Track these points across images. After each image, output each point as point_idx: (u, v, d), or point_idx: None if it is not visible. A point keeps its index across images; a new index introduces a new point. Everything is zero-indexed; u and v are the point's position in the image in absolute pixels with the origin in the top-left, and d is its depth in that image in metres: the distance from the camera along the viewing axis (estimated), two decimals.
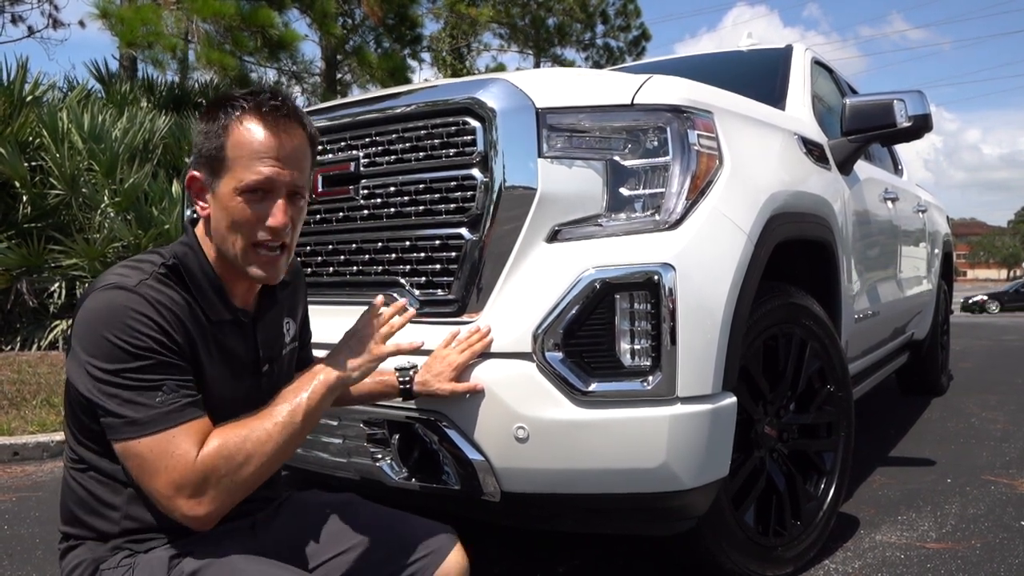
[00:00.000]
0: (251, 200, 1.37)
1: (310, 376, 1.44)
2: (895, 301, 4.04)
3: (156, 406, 1.26)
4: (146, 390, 1.27)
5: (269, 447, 1.32)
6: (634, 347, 1.87)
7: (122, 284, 1.32)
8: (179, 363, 1.32)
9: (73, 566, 1.40)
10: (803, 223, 2.49)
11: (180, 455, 1.26)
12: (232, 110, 1.37)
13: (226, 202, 1.37)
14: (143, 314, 1.29)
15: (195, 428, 1.29)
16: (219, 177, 1.38)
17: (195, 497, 1.26)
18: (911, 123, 3.09)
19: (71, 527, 1.43)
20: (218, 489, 1.28)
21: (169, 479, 1.26)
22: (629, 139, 1.98)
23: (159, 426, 1.26)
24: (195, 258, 1.42)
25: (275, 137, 1.37)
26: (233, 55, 11.49)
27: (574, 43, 25.38)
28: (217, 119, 1.38)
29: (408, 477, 2.05)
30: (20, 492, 3.63)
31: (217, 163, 1.38)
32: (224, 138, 1.37)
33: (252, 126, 1.36)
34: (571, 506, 2.02)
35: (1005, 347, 9.25)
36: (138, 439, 1.26)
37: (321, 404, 1.42)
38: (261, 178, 1.36)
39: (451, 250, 2.03)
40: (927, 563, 2.49)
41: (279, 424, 1.35)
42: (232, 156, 1.36)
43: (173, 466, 1.25)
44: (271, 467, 1.35)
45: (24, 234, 7.81)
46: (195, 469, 1.26)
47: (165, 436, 1.26)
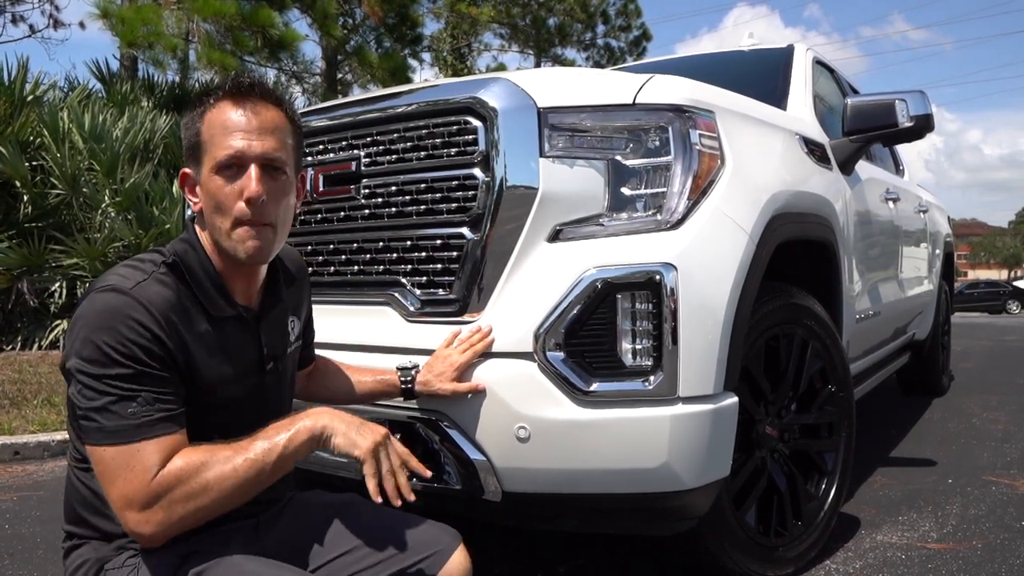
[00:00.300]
0: (227, 177, 1.38)
1: (297, 419, 1.38)
2: (896, 301, 4.04)
3: (127, 417, 1.26)
4: (121, 400, 1.26)
5: (230, 483, 1.28)
6: (635, 347, 1.87)
7: (119, 287, 1.32)
8: (162, 374, 1.30)
9: (77, 565, 1.40)
10: (805, 223, 2.49)
11: (139, 470, 1.25)
12: (208, 97, 1.41)
13: (207, 185, 1.39)
14: (135, 320, 1.29)
15: (162, 444, 1.27)
16: (200, 164, 1.40)
17: (143, 513, 1.25)
18: (913, 123, 3.09)
19: (75, 526, 1.43)
20: (168, 512, 1.26)
21: (122, 491, 1.25)
22: (631, 139, 1.98)
23: (125, 438, 1.25)
24: (195, 255, 1.42)
25: (244, 113, 1.38)
26: (234, 55, 11.50)
27: (575, 43, 25.41)
28: (194, 110, 1.41)
29: (409, 477, 2.04)
30: (21, 491, 3.63)
31: (197, 150, 1.40)
32: (200, 124, 1.40)
33: (224, 106, 1.39)
34: (572, 506, 2.02)
35: (1006, 348, 9.25)
36: (103, 446, 1.26)
37: (299, 450, 1.36)
38: (232, 151, 1.37)
39: (452, 250, 2.02)
40: (928, 563, 2.49)
41: (248, 461, 1.30)
42: (207, 138, 1.39)
43: (129, 479, 1.25)
44: (229, 502, 1.30)
45: (25, 234, 7.82)
46: (149, 487, 1.24)
47: (129, 449, 1.25)
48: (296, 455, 1.35)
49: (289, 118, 1.45)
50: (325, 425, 1.37)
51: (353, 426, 1.39)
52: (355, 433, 1.38)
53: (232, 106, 1.39)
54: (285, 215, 1.45)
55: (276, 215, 1.42)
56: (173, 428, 1.30)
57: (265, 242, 1.41)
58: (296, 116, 1.48)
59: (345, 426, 1.38)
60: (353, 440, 1.37)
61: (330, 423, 1.38)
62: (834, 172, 3.00)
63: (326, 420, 1.38)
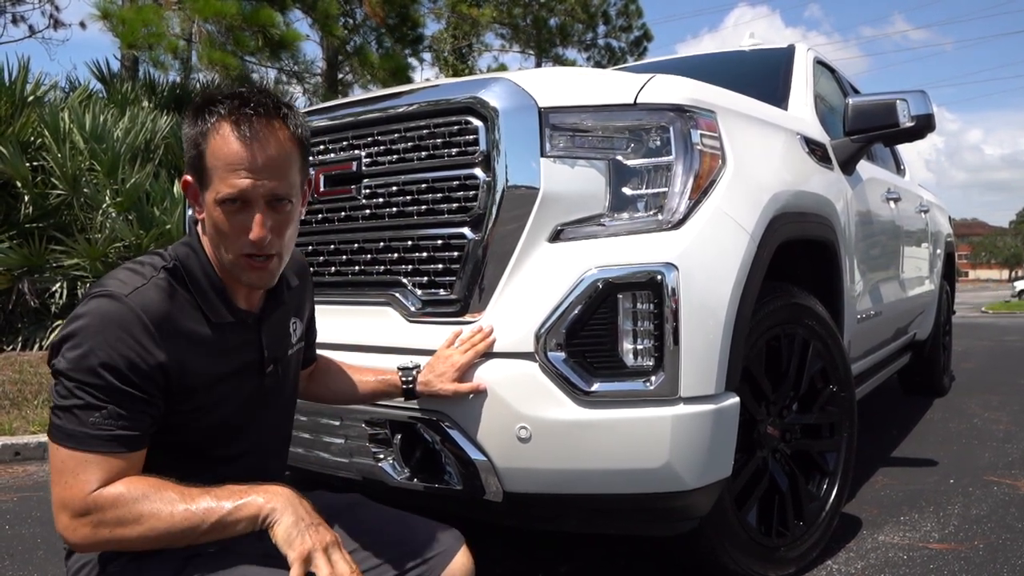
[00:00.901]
0: (230, 211, 1.34)
1: (254, 490, 1.30)
2: (897, 301, 4.04)
3: (86, 425, 1.26)
4: (86, 408, 1.26)
5: (161, 526, 1.25)
6: (637, 347, 1.87)
7: (115, 293, 1.31)
8: (136, 394, 1.29)
9: (79, 566, 1.40)
10: (806, 223, 2.49)
11: (80, 480, 1.25)
12: (209, 116, 1.34)
13: (211, 211, 1.36)
14: (126, 331, 1.28)
15: (109, 464, 1.27)
16: (203, 186, 1.37)
17: (72, 521, 1.26)
18: (914, 123, 3.09)
19: None
20: (95, 529, 1.25)
21: (60, 494, 1.26)
22: (632, 138, 1.98)
23: (78, 443, 1.26)
24: (196, 260, 1.42)
25: (248, 148, 1.32)
26: (235, 55, 11.50)
27: (576, 43, 25.38)
28: (196, 125, 1.36)
29: (410, 477, 2.05)
30: (22, 492, 3.63)
31: (200, 171, 1.37)
32: (203, 146, 1.34)
33: (227, 134, 1.33)
34: (574, 506, 2.02)
35: (1007, 348, 9.24)
36: (57, 445, 1.27)
37: (239, 523, 1.27)
38: (235, 191, 1.33)
39: (453, 250, 2.02)
40: (930, 564, 2.49)
41: (187, 512, 1.26)
42: (210, 166, 1.34)
43: (69, 485, 1.25)
44: (155, 543, 1.27)
45: (26, 234, 7.82)
46: (83, 501, 1.25)
47: (77, 456, 1.26)
48: (235, 526, 1.27)
49: (295, 137, 1.40)
50: (273, 509, 1.28)
51: (302, 523, 1.27)
52: (297, 531, 1.25)
53: (236, 136, 1.32)
54: (290, 240, 1.44)
55: (281, 245, 1.40)
56: (123, 450, 1.28)
57: (269, 271, 1.41)
58: (302, 129, 1.42)
59: (293, 519, 1.27)
60: (292, 538, 1.25)
61: (280, 510, 1.28)
62: (835, 172, 3.00)
63: (278, 504, 1.28)
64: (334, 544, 1.27)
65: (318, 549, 1.24)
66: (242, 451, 1.50)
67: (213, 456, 1.46)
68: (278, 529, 1.26)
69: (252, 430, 1.52)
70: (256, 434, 1.53)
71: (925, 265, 4.94)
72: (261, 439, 1.56)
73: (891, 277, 3.95)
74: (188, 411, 1.38)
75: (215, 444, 1.47)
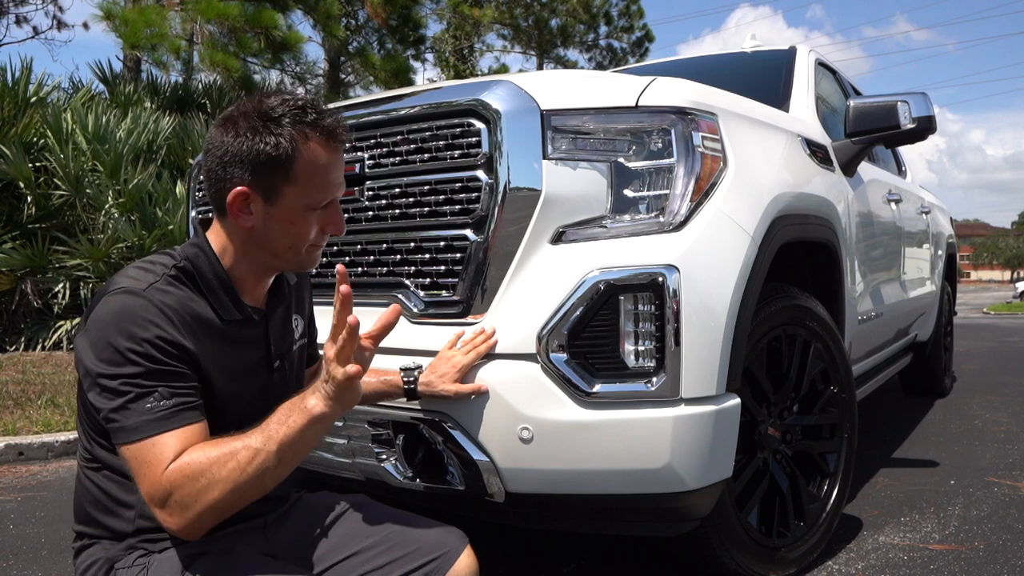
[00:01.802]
0: (316, 212, 1.44)
1: (290, 406, 1.33)
2: (899, 303, 4.04)
3: (144, 412, 1.27)
4: (138, 397, 1.28)
5: (236, 477, 1.25)
6: (638, 348, 1.87)
7: (131, 288, 1.34)
8: (177, 369, 1.32)
9: (87, 565, 1.41)
10: (807, 225, 2.49)
11: (153, 464, 1.26)
12: (295, 127, 1.39)
13: (293, 216, 1.42)
14: (149, 320, 1.31)
15: (179, 437, 1.28)
16: (280, 192, 1.40)
17: (163, 509, 1.27)
18: (915, 125, 3.10)
19: (85, 526, 1.44)
20: (183, 506, 1.25)
21: (146, 490, 1.28)
22: (633, 141, 1.99)
23: (142, 434, 1.27)
24: (206, 259, 1.44)
25: (340, 159, 1.46)
26: (237, 56, 11.51)
27: (577, 44, 25.41)
28: (277, 135, 1.38)
29: (413, 477, 2.06)
30: (25, 492, 3.64)
31: (282, 180, 1.40)
32: (294, 158, 1.39)
33: (322, 148, 1.41)
34: (575, 507, 2.03)
35: (1009, 349, 9.24)
36: (126, 444, 1.28)
37: (302, 435, 1.30)
38: (332, 195, 1.45)
39: (456, 251, 2.03)
40: (930, 564, 2.49)
41: (251, 451, 1.27)
42: (304, 176, 1.40)
43: (146, 475, 1.27)
44: (242, 496, 1.28)
45: (28, 235, 7.83)
46: (160, 484, 1.25)
47: (145, 444, 1.27)
48: (302, 440, 1.30)
49: None
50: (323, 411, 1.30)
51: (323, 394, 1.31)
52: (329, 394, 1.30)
53: (328, 149, 1.42)
54: None
55: None
56: (192, 418, 1.31)
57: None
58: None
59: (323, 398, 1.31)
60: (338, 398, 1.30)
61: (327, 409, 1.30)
62: (836, 174, 3.01)
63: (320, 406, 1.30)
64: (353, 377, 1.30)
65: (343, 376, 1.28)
66: None
67: None
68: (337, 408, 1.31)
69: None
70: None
71: (926, 266, 4.95)
72: None
73: (892, 278, 3.96)
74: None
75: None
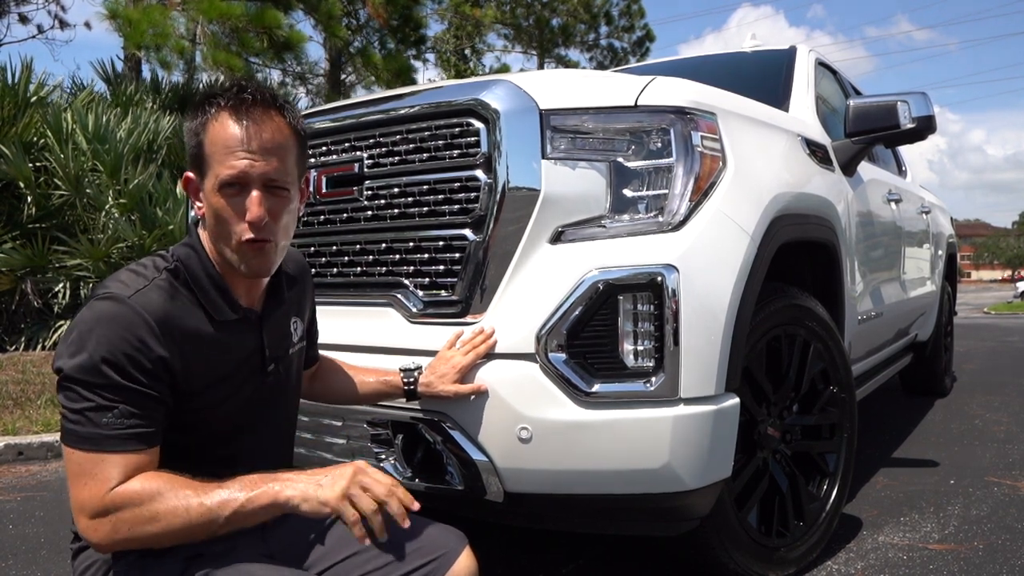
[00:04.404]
0: (230, 195, 1.37)
1: (269, 480, 1.34)
2: (899, 302, 4.04)
3: (100, 426, 1.27)
4: (99, 409, 1.28)
5: (179, 521, 1.27)
6: (637, 348, 1.87)
7: (118, 295, 1.33)
8: (145, 391, 1.31)
9: (85, 567, 1.41)
10: (806, 225, 2.49)
11: (99, 480, 1.27)
12: (209, 107, 1.39)
13: (211, 199, 1.39)
14: (130, 332, 1.30)
15: (126, 461, 1.28)
16: (203, 175, 1.40)
17: (91, 521, 1.28)
18: (915, 125, 3.10)
19: None
20: (113, 528, 1.27)
21: (79, 495, 1.28)
22: (632, 140, 1.99)
23: (93, 445, 1.27)
24: (198, 259, 1.43)
25: (245, 129, 1.36)
26: (240, 56, 11.51)
27: (578, 44, 25.40)
28: (197, 117, 1.40)
29: (412, 477, 2.06)
30: (25, 492, 3.64)
31: (200, 161, 1.40)
32: (202, 135, 1.38)
33: (225, 120, 1.37)
34: (574, 506, 2.03)
35: (1009, 349, 9.23)
36: (72, 448, 1.28)
37: (258, 514, 1.31)
38: (235, 172, 1.36)
39: (455, 251, 2.03)
40: (929, 564, 2.49)
41: (203, 507, 1.28)
42: (209, 152, 1.38)
43: (88, 485, 1.27)
44: (175, 539, 1.29)
45: (28, 234, 7.84)
46: (102, 500, 1.26)
47: (94, 457, 1.27)
48: (254, 516, 1.32)
49: (292, 128, 1.43)
50: (290, 496, 1.32)
51: (312, 484, 1.33)
52: (316, 490, 1.32)
53: (234, 120, 1.37)
54: (287, 228, 1.46)
55: (277, 232, 1.42)
56: (141, 447, 1.30)
57: (267, 257, 1.43)
58: (299, 123, 1.46)
59: (304, 487, 1.32)
60: (316, 499, 1.31)
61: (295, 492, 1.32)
62: (836, 173, 3.00)
63: (292, 489, 1.33)
64: (355, 473, 1.34)
65: (347, 487, 1.32)
66: (244, 451, 1.51)
67: (215, 457, 1.46)
68: (304, 507, 1.32)
69: (254, 430, 1.53)
70: (258, 434, 1.55)
71: (926, 266, 4.95)
72: (263, 440, 1.57)
73: (892, 278, 3.96)
74: (191, 411, 1.40)
75: (217, 445, 1.48)
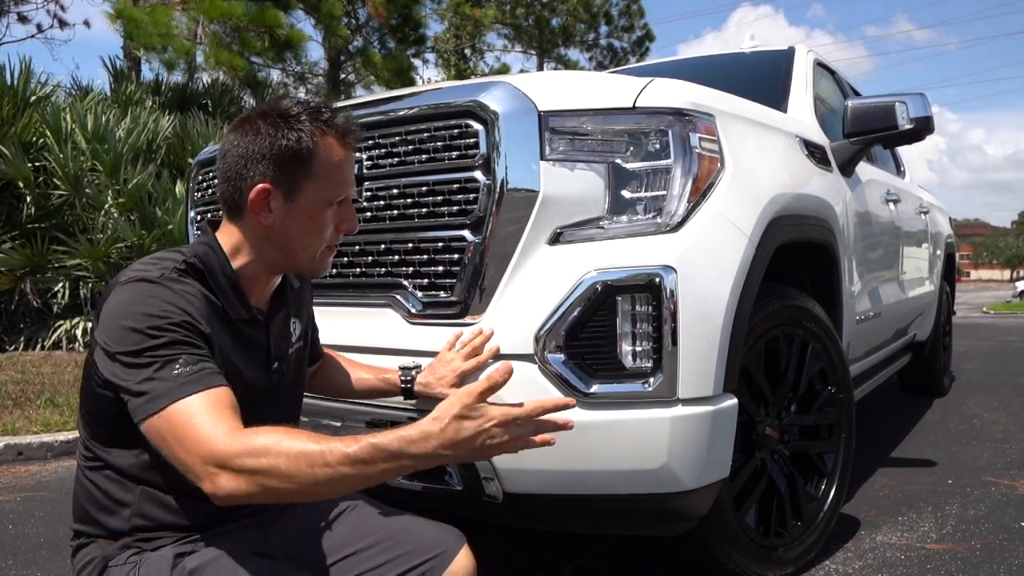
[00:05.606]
0: (332, 209, 1.49)
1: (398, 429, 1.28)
2: (897, 302, 4.05)
3: (173, 379, 1.26)
4: (163, 366, 1.27)
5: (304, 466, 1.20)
6: (635, 349, 1.88)
7: (146, 276, 1.35)
8: (197, 342, 1.32)
9: (84, 564, 1.42)
10: (804, 225, 2.50)
11: (200, 428, 1.22)
12: (312, 123, 1.44)
13: (313, 212, 1.47)
14: (165, 300, 1.32)
15: (216, 397, 1.27)
16: (301, 189, 1.44)
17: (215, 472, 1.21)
18: (913, 125, 3.10)
19: (83, 525, 1.44)
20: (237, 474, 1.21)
21: (187, 449, 1.22)
22: (631, 142, 1.99)
23: (175, 396, 1.25)
24: (216, 257, 1.45)
25: (352, 157, 1.52)
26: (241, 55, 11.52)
27: (578, 44, 25.39)
28: (298, 131, 1.43)
29: (411, 478, 2.06)
30: (24, 492, 3.65)
31: (302, 176, 1.44)
32: (314, 153, 1.44)
33: (338, 144, 1.47)
34: (573, 507, 2.03)
35: (1008, 348, 9.24)
36: (158, 413, 1.24)
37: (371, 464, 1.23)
38: (348, 195, 1.52)
39: (454, 252, 2.04)
40: (927, 564, 2.50)
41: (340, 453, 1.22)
42: (322, 171, 1.45)
43: (187, 435, 1.22)
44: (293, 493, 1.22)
45: (28, 234, 7.84)
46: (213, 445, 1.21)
47: (181, 410, 1.24)
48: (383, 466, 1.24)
49: None
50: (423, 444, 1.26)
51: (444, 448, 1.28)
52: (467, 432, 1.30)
53: (344, 149, 1.48)
54: None
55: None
56: (221, 383, 1.29)
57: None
58: None
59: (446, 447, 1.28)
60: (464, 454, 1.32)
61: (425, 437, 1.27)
62: (834, 174, 3.01)
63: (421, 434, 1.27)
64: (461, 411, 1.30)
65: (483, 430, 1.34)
66: None
67: None
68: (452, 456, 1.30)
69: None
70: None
71: (925, 266, 4.95)
72: None
73: (891, 278, 3.96)
74: None
75: None
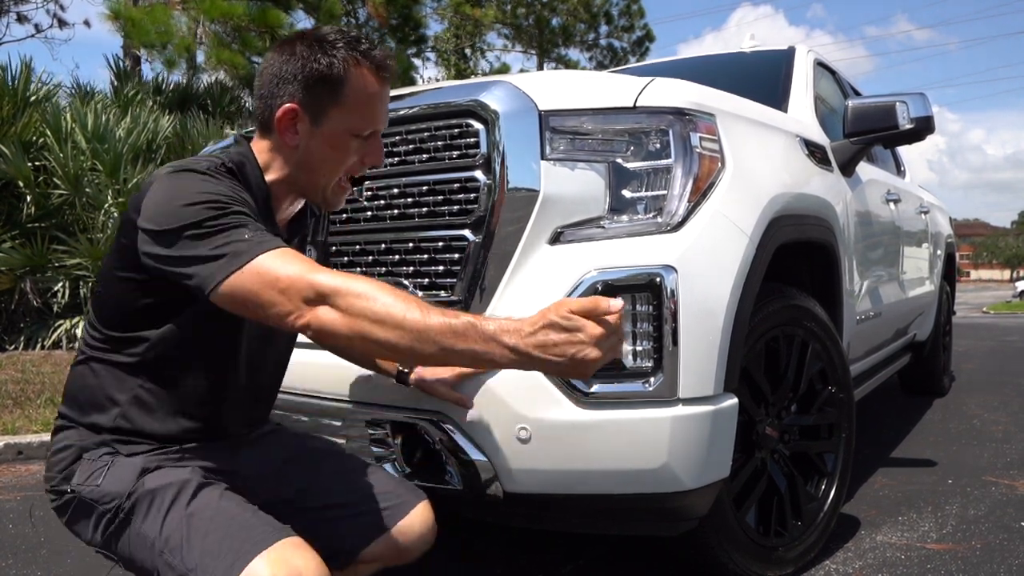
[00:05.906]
0: (358, 141, 1.48)
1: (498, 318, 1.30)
2: (897, 302, 4.05)
3: (247, 241, 1.27)
4: (235, 229, 1.28)
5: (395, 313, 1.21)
6: (636, 348, 1.88)
7: (192, 167, 1.37)
8: (257, 219, 1.33)
9: (61, 447, 1.44)
10: (805, 225, 2.50)
11: (288, 274, 1.23)
12: (348, 51, 1.43)
13: (336, 140, 1.46)
14: (219, 185, 1.34)
15: (295, 252, 1.29)
16: (327, 115, 1.44)
17: (309, 310, 1.23)
18: (913, 125, 3.10)
19: (69, 410, 1.46)
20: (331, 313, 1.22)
21: (284, 287, 1.23)
22: (631, 141, 1.99)
23: (258, 251, 1.25)
24: (251, 167, 1.47)
25: (386, 93, 1.50)
26: (242, 54, 11.53)
27: (578, 43, 25.41)
28: (331, 55, 1.42)
29: (411, 477, 2.06)
30: (25, 491, 3.65)
31: (330, 102, 1.43)
32: (344, 80, 1.42)
33: (372, 77, 1.45)
34: (573, 506, 2.03)
35: (1008, 348, 9.24)
36: (241, 268, 1.24)
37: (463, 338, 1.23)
38: (376, 127, 1.50)
39: (454, 252, 2.03)
40: (927, 563, 2.50)
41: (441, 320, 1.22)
42: (352, 100, 1.44)
43: (280, 280, 1.23)
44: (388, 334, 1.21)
45: (28, 234, 7.84)
46: (310, 281, 1.23)
47: (267, 257, 1.25)
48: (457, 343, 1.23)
49: None
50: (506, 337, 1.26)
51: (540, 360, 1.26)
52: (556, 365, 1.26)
53: (378, 80, 1.46)
54: None
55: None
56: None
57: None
58: None
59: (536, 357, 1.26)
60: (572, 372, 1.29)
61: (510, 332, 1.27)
62: (835, 174, 3.01)
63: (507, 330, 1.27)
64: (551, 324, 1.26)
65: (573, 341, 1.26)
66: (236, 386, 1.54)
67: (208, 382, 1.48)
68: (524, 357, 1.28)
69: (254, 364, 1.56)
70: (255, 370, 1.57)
71: (925, 266, 4.96)
72: (258, 376, 1.60)
73: (891, 278, 3.96)
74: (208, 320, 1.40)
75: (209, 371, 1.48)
